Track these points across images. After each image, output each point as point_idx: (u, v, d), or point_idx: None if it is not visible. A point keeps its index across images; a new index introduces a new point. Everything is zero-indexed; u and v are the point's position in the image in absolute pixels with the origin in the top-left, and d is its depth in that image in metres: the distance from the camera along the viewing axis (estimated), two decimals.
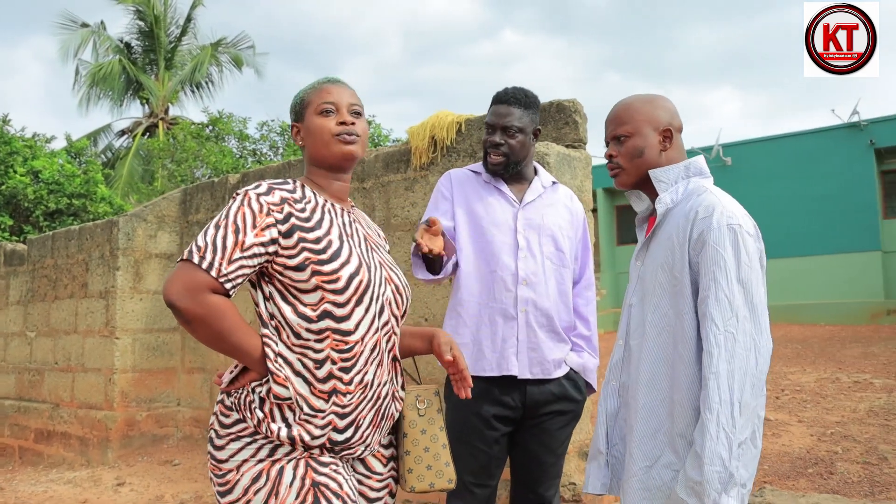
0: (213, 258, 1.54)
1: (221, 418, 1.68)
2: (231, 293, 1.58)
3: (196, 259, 1.54)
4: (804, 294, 14.86)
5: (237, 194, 1.64)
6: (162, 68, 20.27)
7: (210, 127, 17.15)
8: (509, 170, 2.49)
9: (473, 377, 2.40)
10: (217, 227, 1.58)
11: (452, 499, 2.44)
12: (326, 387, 1.62)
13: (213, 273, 1.53)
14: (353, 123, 1.73)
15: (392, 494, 1.85)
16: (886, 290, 14.91)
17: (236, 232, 1.56)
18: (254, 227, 1.57)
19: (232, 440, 1.64)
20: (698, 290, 1.64)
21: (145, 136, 19.59)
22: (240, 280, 1.58)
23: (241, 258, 1.56)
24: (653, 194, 1.84)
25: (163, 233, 6.36)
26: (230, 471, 1.63)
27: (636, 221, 1.96)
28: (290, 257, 1.60)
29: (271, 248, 1.59)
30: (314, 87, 1.78)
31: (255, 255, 1.58)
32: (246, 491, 1.60)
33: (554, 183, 2.63)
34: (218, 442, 1.67)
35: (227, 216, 1.60)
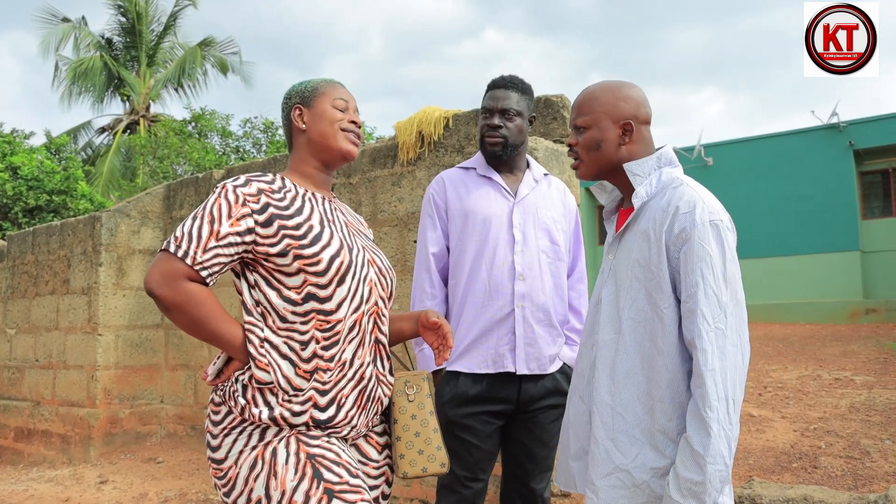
0: (189, 247, 1.59)
1: (213, 417, 1.70)
2: (208, 281, 1.62)
3: (172, 248, 1.60)
4: (784, 293, 14.98)
5: (216, 187, 1.69)
6: (144, 65, 20.10)
7: (192, 124, 17.03)
8: (507, 153, 2.47)
9: (468, 374, 2.41)
10: (194, 218, 1.64)
11: (445, 493, 2.43)
12: (310, 366, 1.66)
13: (189, 261, 1.59)
14: (359, 126, 1.83)
15: (389, 483, 1.85)
16: (865, 289, 15.07)
17: (212, 222, 1.62)
18: (229, 217, 1.62)
19: (225, 435, 1.67)
20: (677, 285, 1.61)
21: (126, 133, 19.41)
22: (216, 269, 1.62)
23: (216, 247, 1.61)
24: (620, 184, 1.81)
25: (146, 229, 6.30)
26: (230, 467, 1.64)
27: (604, 214, 1.91)
28: (272, 245, 1.65)
29: (248, 238, 1.64)
30: (327, 81, 1.85)
31: (231, 245, 1.62)
32: (247, 481, 1.61)
33: (546, 175, 2.63)
34: (214, 442, 1.68)
35: (204, 208, 1.65)
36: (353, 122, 1.81)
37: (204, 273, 1.60)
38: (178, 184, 6.36)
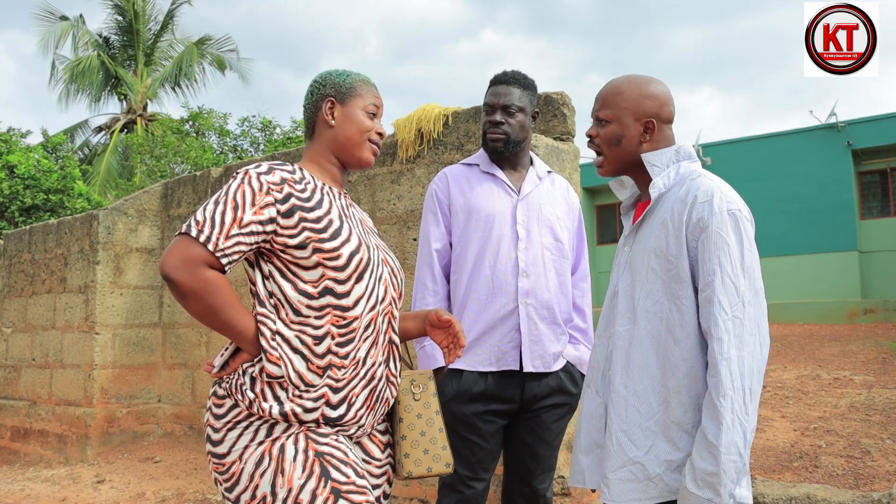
0: (211, 233, 1.55)
1: (215, 410, 1.66)
2: (227, 269, 1.59)
3: (194, 233, 1.55)
4: (783, 293, 14.97)
5: (238, 173, 1.65)
6: (141, 64, 20.06)
7: (190, 122, 17.00)
8: (509, 150, 2.45)
9: (471, 371, 2.38)
10: (217, 203, 1.59)
11: (446, 493, 2.40)
12: (323, 362, 1.62)
13: (210, 247, 1.54)
14: (383, 137, 1.83)
15: (390, 482, 1.83)
16: (863, 289, 15.08)
17: (235, 209, 1.58)
18: (253, 204, 1.59)
19: (229, 429, 1.63)
20: (695, 275, 1.61)
21: (123, 132, 19.36)
22: (236, 257, 1.58)
23: (238, 234, 1.57)
24: (640, 179, 1.81)
25: (144, 227, 6.27)
26: (233, 462, 1.61)
27: (622, 209, 1.91)
28: (291, 236, 1.61)
29: (269, 228, 1.60)
30: (365, 81, 1.83)
31: (252, 233, 1.59)
32: (252, 477, 1.58)
33: (549, 172, 2.61)
34: (215, 436, 1.65)
35: (227, 193, 1.61)
36: (380, 133, 1.81)
37: (224, 260, 1.56)
38: (176, 182, 6.33)
